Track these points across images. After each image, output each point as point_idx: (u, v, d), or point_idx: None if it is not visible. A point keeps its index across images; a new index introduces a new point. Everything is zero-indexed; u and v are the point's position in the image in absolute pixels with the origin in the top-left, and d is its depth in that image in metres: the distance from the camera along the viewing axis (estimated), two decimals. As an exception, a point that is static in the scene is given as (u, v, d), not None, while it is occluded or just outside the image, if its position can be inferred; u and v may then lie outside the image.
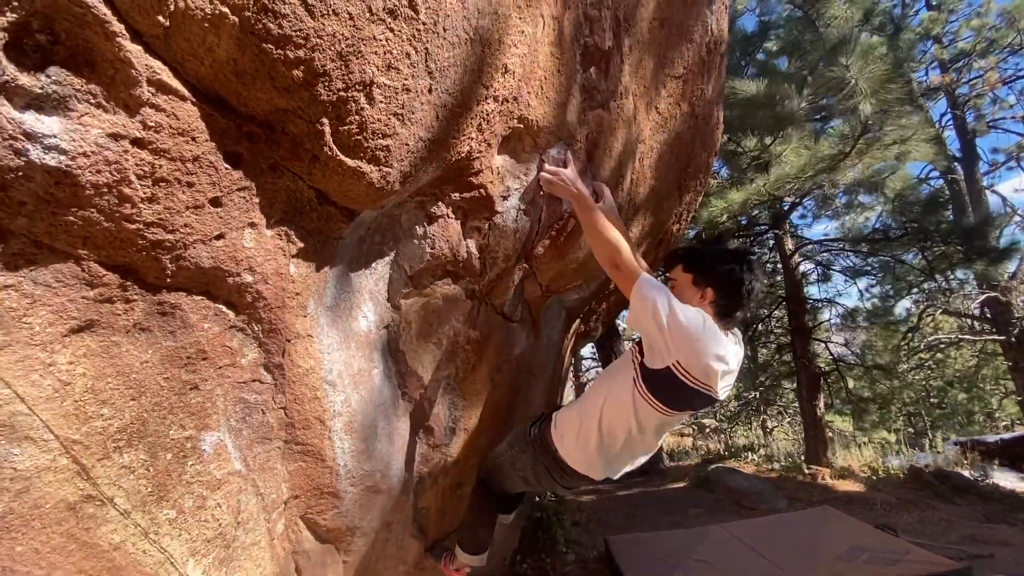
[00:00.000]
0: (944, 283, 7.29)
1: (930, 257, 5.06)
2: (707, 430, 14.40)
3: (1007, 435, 7.77)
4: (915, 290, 8.91)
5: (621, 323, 11.46)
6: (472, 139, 1.37)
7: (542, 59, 1.49)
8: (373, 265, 1.56)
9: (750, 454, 6.46)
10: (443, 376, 2.03)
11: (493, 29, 1.20)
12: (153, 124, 0.75)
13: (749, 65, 5.44)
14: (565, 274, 2.23)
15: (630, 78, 1.96)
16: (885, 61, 3.62)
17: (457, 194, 1.56)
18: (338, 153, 1.00)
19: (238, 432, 1.26)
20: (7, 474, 0.83)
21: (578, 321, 3.15)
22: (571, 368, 4.10)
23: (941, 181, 13.51)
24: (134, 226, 0.82)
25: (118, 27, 0.66)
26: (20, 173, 0.68)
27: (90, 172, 0.72)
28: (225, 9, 0.71)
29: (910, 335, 10.40)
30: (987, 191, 13.70)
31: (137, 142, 0.75)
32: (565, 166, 1.75)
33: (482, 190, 1.58)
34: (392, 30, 0.91)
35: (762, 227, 6.26)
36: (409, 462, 1.98)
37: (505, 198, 1.69)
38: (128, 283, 0.90)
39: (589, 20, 1.62)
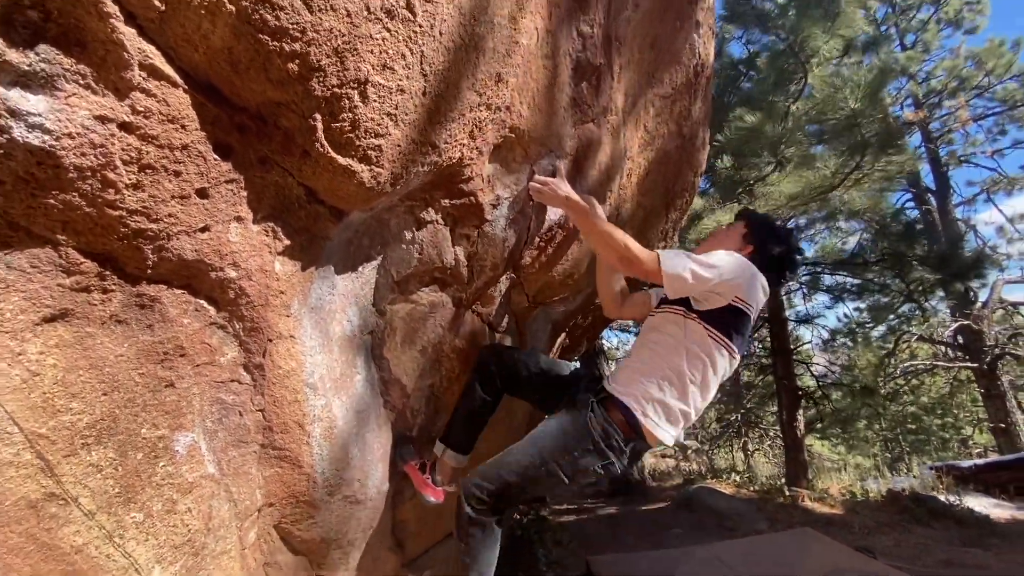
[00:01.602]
0: (918, 310, 7.48)
1: (907, 281, 5.22)
2: (689, 451, 14.39)
3: (981, 461, 7.91)
4: (891, 316, 9.13)
5: (606, 342, 11.47)
6: (464, 145, 1.38)
7: (535, 71, 1.52)
8: (360, 268, 1.54)
9: (732, 475, 6.46)
10: (427, 385, 2.01)
11: (488, 37, 1.22)
12: (142, 109, 0.74)
13: (736, 92, 5.63)
14: (552, 286, 2.23)
15: (620, 95, 2.00)
16: (872, 96, 3.77)
17: (447, 200, 1.57)
18: (329, 150, 0.99)
19: (213, 434, 1.22)
20: (-35, 468, 0.79)
21: (564, 335, 3.15)
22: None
23: (917, 212, 13.99)
24: (117, 213, 0.80)
25: (112, 8, 0.66)
26: (1, 151, 0.66)
27: (74, 154, 0.71)
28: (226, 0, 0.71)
29: (887, 360, 10.61)
30: (960, 222, 14.21)
31: (125, 126, 0.74)
32: (555, 176, 1.77)
33: (472, 197, 1.58)
34: (389, 30, 0.92)
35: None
36: (389, 473, 1.93)
37: (495, 207, 1.70)
38: (107, 272, 0.88)
39: (582, 36, 1.65)
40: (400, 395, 1.89)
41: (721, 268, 1.43)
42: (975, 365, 11.71)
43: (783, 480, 5.98)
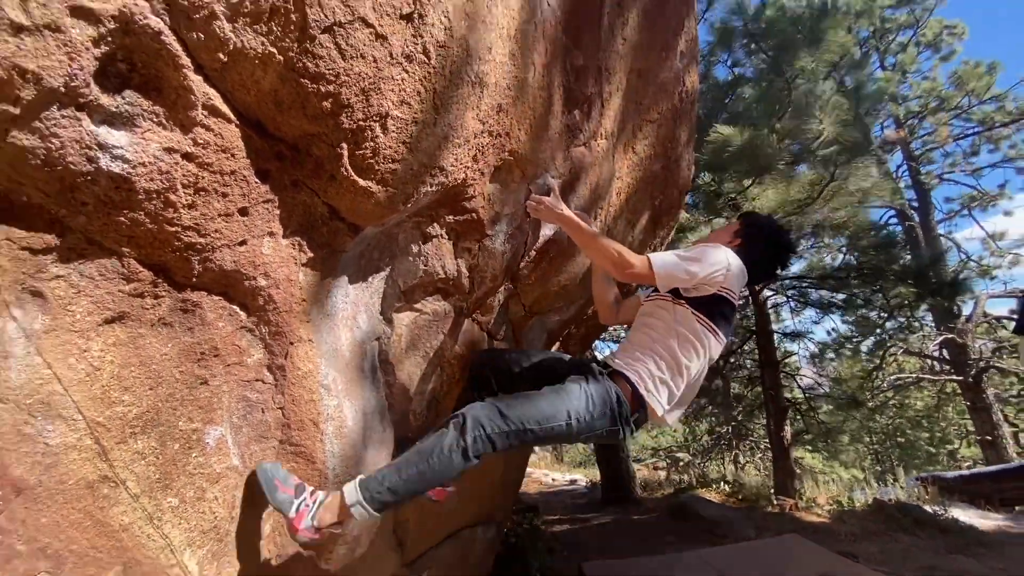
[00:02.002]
0: (904, 323, 7.69)
1: (888, 296, 5.42)
2: (680, 464, 14.45)
3: (966, 472, 8.07)
4: (877, 329, 9.35)
5: (598, 353, 11.60)
6: (468, 168, 1.52)
7: (532, 100, 1.68)
8: (370, 279, 1.67)
9: (722, 484, 6.57)
10: (428, 389, 2.13)
11: (491, 73, 1.37)
12: (202, 141, 0.88)
13: (723, 112, 5.88)
14: (547, 296, 2.37)
15: (610, 121, 2.17)
16: (848, 115, 3.99)
17: (451, 217, 1.71)
18: (352, 174, 1.13)
19: (238, 429, 1.34)
20: (40, 448, 0.91)
21: (557, 344, 3.28)
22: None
23: (900, 228, 14.36)
24: (173, 229, 0.93)
25: (186, 60, 0.80)
26: (89, 177, 0.79)
27: (145, 179, 0.84)
28: (274, 50, 0.86)
29: (874, 373, 10.81)
30: (942, 238, 14.60)
31: (187, 156, 0.87)
32: (549, 195, 1.92)
33: (474, 214, 1.73)
34: (407, 72, 1.07)
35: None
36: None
37: (495, 222, 1.84)
38: (159, 280, 1.01)
39: (575, 68, 1.82)
40: (403, 398, 2.01)
41: (705, 262, 1.58)
42: (960, 378, 11.95)
43: (772, 490, 6.10)
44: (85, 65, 0.70)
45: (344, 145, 1.07)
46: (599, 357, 1.85)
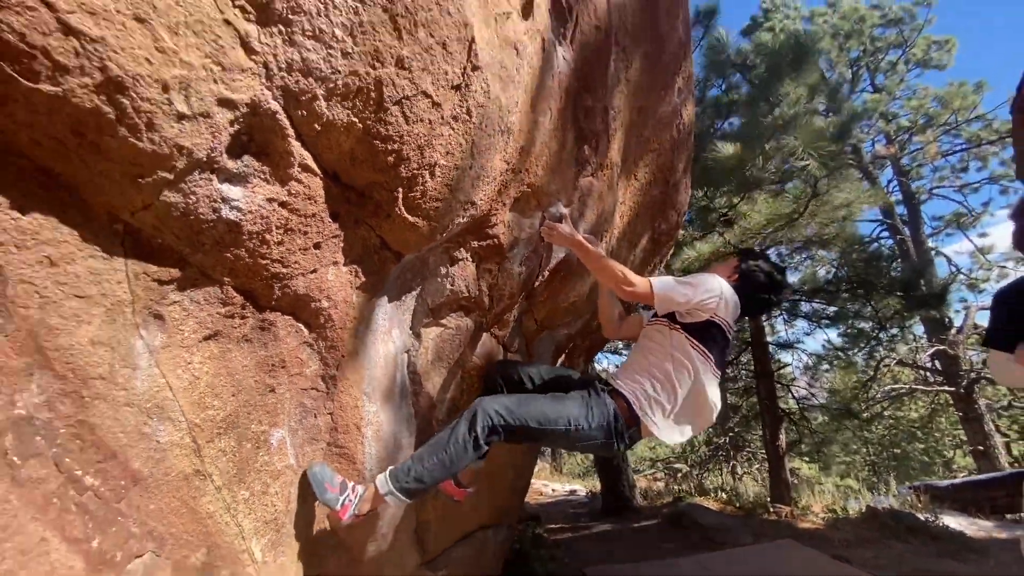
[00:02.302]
0: (898, 334, 7.91)
1: (877, 307, 5.65)
2: (679, 475, 14.56)
3: (958, 480, 8.23)
4: (871, 341, 9.58)
5: (598, 365, 11.78)
6: (493, 200, 1.73)
7: (548, 140, 1.89)
8: (403, 298, 1.87)
9: (719, 492, 6.72)
10: (449, 398, 2.31)
11: (516, 122, 1.59)
12: (294, 192, 1.08)
13: (719, 131, 6.16)
14: (557, 312, 2.57)
15: (615, 153, 2.38)
16: (827, 136, 4.26)
17: (476, 242, 1.91)
18: (404, 212, 1.34)
19: (295, 432, 1.52)
20: (152, 445, 1.09)
21: (564, 355, 3.47)
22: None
23: (891, 241, 14.69)
24: (264, 261, 1.13)
25: (290, 131, 1.00)
26: (211, 223, 0.99)
27: (250, 223, 1.04)
28: (355, 119, 1.06)
29: (869, 384, 11.01)
30: (933, 251, 14.92)
31: (282, 203, 1.07)
32: (561, 221, 2.13)
33: (496, 239, 1.93)
34: (453, 129, 1.28)
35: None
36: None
37: (512, 247, 2.05)
38: (247, 303, 1.20)
39: (584, 110, 2.04)
40: (428, 406, 2.20)
41: (700, 288, 1.77)
42: (952, 389, 12.17)
43: (768, 498, 6.25)
44: (222, 140, 0.90)
45: (400, 190, 1.27)
46: (602, 375, 2.03)
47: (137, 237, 0.94)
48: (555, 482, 12.56)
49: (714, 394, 1.79)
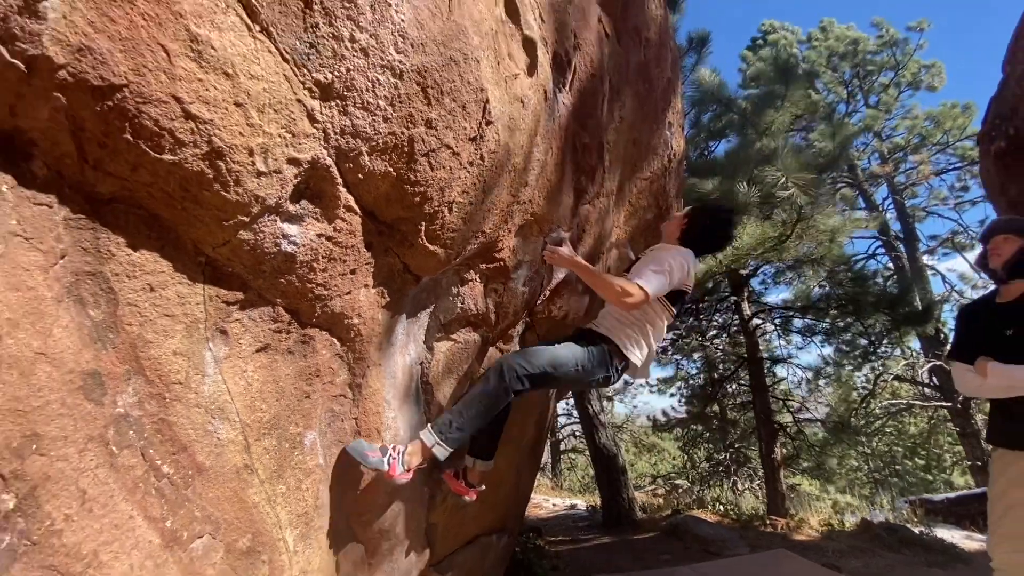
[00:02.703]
0: (887, 350, 8.08)
1: (865, 323, 5.85)
2: (680, 490, 14.59)
3: (952, 494, 8.33)
4: (871, 356, 9.74)
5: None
6: (500, 228, 1.95)
7: (549, 174, 2.11)
8: (419, 315, 2.07)
9: (717, 504, 6.83)
10: (457, 408, 2.50)
11: (521, 161, 1.81)
12: (339, 228, 1.29)
13: (712, 151, 6.45)
14: (557, 327, 2.77)
15: (610, 182, 2.61)
16: (810, 166, 4.52)
17: (484, 264, 2.12)
18: (425, 242, 1.55)
19: (324, 434, 1.71)
20: (214, 441, 1.29)
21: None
22: (554, 414, 4.54)
23: (887, 258, 14.93)
24: (311, 285, 1.34)
25: (339, 180, 1.22)
26: (272, 255, 1.20)
27: (302, 254, 1.25)
28: (391, 169, 1.28)
29: (868, 399, 11.13)
30: (930, 270, 15.15)
31: (328, 238, 1.29)
32: (562, 245, 2.34)
33: (502, 262, 2.14)
34: (469, 172, 1.49)
35: (724, 293, 7.03)
36: (425, 480, 2.39)
37: (517, 268, 2.26)
38: (292, 320, 1.41)
39: (582, 146, 2.26)
40: (438, 413, 2.38)
41: (675, 273, 2.13)
42: (949, 404, 12.29)
43: (765, 510, 6.37)
44: (288, 190, 1.12)
45: (423, 223, 1.48)
46: (591, 327, 2.33)
47: (214, 267, 1.15)
48: (555, 497, 12.60)
49: (664, 330, 2.30)
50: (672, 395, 15.37)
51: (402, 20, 1.09)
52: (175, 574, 1.18)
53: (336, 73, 1.05)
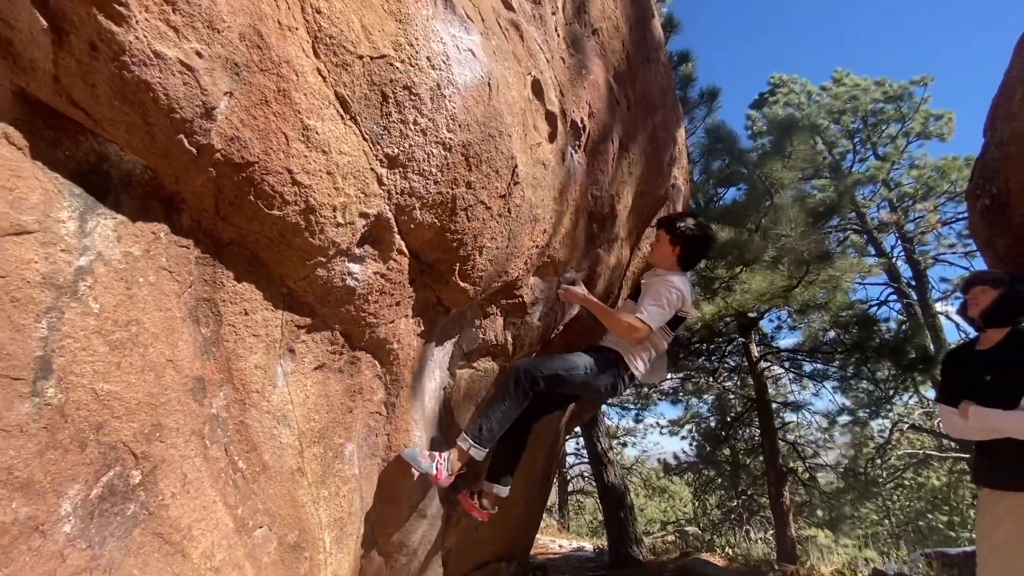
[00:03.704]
0: (894, 395, 8.06)
1: (871, 369, 5.93)
2: (691, 538, 14.21)
3: (970, 548, 8.08)
4: (884, 404, 9.66)
5: (606, 419, 11.93)
6: (521, 269, 2.21)
7: (566, 223, 2.39)
8: (445, 343, 2.31)
9: (726, 548, 6.75)
10: (474, 432, 2.69)
11: (542, 211, 2.09)
12: (391, 267, 1.56)
13: (720, 197, 6.76)
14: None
15: (621, 229, 2.88)
16: (813, 213, 4.78)
17: (504, 300, 2.37)
18: (458, 280, 1.81)
19: (360, 447, 1.93)
20: (276, 444, 1.52)
21: (572, 404, 3.84)
22: (563, 448, 4.66)
23: (899, 305, 14.93)
24: (363, 314, 1.60)
25: (394, 228, 1.49)
26: (338, 288, 1.47)
27: (361, 288, 1.52)
28: (436, 221, 1.56)
29: (884, 449, 10.92)
30: (943, 316, 15.06)
31: (382, 275, 1.55)
32: (575, 284, 2.59)
33: (520, 298, 2.39)
34: (497, 222, 1.77)
35: (733, 335, 7.18)
36: (443, 500, 2.57)
37: (534, 304, 2.50)
38: (345, 343, 1.66)
39: (595, 197, 2.55)
40: (457, 435, 2.58)
41: (672, 304, 2.39)
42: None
43: (774, 555, 6.29)
44: (356, 237, 1.39)
45: (457, 264, 1.75)
46: (600, 343, 2.57)
47: (292, 296, 1.42)
48: (562, 538, 12.36)
49: (664, 349, 2.59)
50: (683, 438, 15.20)
51: (453, 107, 1.39)
52: (241, 555, 1.39)
53: (401, 148, 1.34)
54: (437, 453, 1.99)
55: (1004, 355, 2.35)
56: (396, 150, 1.33)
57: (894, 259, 15.31)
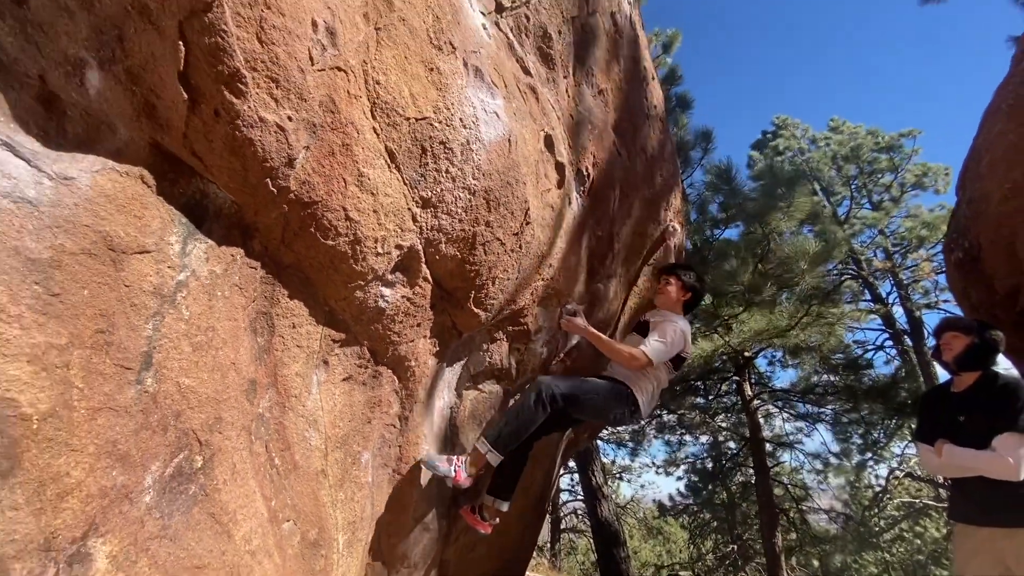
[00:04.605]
0: (883, 440, 8.12)
1: (861, 412, 6.06)
2: (685, 582, 13.87)
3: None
4: (877, 448, 9.67)
5: (602, 456, 11.92)
6: (527, 300, 2.43)
7: (569, 258, 2.62)
8: (454, 365, 2.51)
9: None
10: (476, 452, 2.85)
11: (547, 249, 2.32)
12: (416, 292, 1.78)
13: (712, 246, 7.07)
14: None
15: (619, 266, 3.12)
16: (811, 264, 5.07)
17: (510, 327, 2.58)
18: (472, 306, 2.03)
19: (375, 456, 2.11)
20: (306, 445, 1.70)
21: (570, 429, 3.99)
22: (558, 479, 4.75)
23: (894, 350, 15.07)
24: (390, 333, 1.81)
25: (422, 258, 1.72)
26: (371, 308, 1.68)
27: (390, 310, 1.73)
28: (457, 253, 1.79)
29: (881, 497, 10.84)
30: (935, 362, 15.14)
31: (408, 299, 1.77)
32: (576, 315, 2.81)
33: (525, 326, 2.60)
34: (510, 256, 2.00)
35: (727, 373, 7.33)
36: (443, 516, 2.71)
37: (537, 332, 2.71)
38: (371, 358, 1.86)
39: (595, 237, 2.80)
40: (462, 454, 2.74)
41: (676, 344, 2.60)
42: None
43: (767, 600, 6.25)
44: (391, 265, 1.62)
45: (472, 292, 1.97)
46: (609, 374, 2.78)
47: (332, 314, 1.64)
48: (553, 577, 12.13)
49: (665, 385, 2.78)
50: (679, 478, 15.06)
51: (479, 159, 1.64)
52: (272, 544, 1.55)
53: (433, 191, 1.59)
54: (454, 457, 2.14)
55: (976, 398, 2.53)
56: (430, 193, 1.58)
57: (889, 305, 15.57)
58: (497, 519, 2.60)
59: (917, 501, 12.61)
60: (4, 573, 0.85)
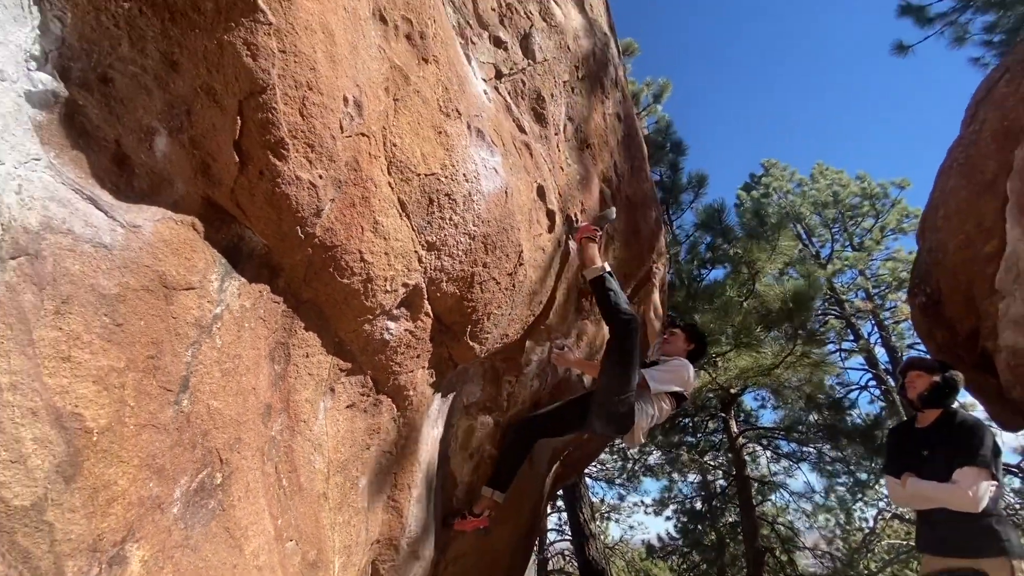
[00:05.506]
0: (869, 479, 8.22)
1: (842, 451, 6.19)
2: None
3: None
4: (863, 487, 9.73)
5: (590, 494, 11.80)
6: (519, 333, 2.60)
7: (557, 295, 2.81)
8: (449, 396, 2.65)
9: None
10: (465, 482, 2.96)
11: (539, 285, 2.51)
12: (418, 326, 1.95)
13: (699, 285, 7.33)
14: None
15: (605, 304, 3.31)
16: (797, 305, 5.36)
17: (503, 360, 2.74)
18: (468, 340, 2.19)
19: (371, 482, 2.21)
20: (311, 468, 1.82)
21: (558, 463, 4.09)
22: (548, 499, 4.77)
23: (877, 391, 15.30)
24: (391, 363, 1.96)
25: (425, 295, 1.90)
26: (376, 340, 1.84)
27: (393, 342, 1.89)
28: (456, 291, 1.97)
29: (869, 539, 10.81)
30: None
31: (411, 332, 1.94)
32: (564, 349, 2.97)
33: (517, 359, 2.76)
34: (504, 295, 2.18)
35: (715, 411, 7.47)
36: (436, 543, 2.78)
37: (527, 365, 2.87)
38: (373, 387, 2.00)
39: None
40: (451, 485, 2.85)
41: (677, 379, 2.83)
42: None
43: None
44: (397, 301, 1.79)
45: (469, 326, 2.14)
46: None
47: (340, 345, 1.79)
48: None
49: (664, 418, 2.99)
50: (668, 518, 14.88)
51: (479, 208, 1.84)
52: (276, 561, 1.65)
53: (438, 236, 1.78)
54: (468, 517, 2.64)
55: (938, 433, 2.71)
56: (434, 238, 1.77)
57: (872, 345, 15.90)
58: (491, 512, 2.71)
59: (905, 543, 12.57)
60: (59, 569, 0.98)
